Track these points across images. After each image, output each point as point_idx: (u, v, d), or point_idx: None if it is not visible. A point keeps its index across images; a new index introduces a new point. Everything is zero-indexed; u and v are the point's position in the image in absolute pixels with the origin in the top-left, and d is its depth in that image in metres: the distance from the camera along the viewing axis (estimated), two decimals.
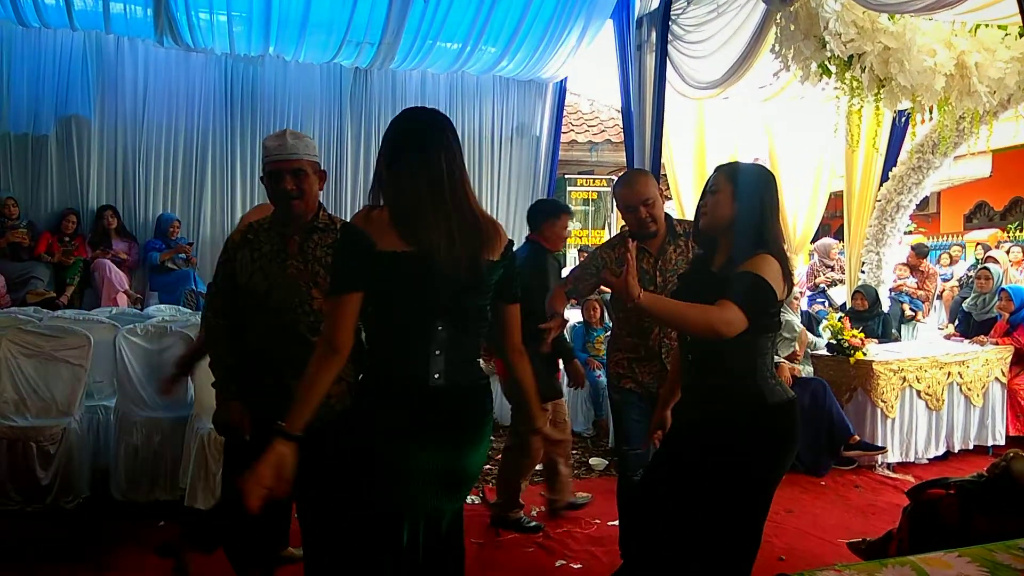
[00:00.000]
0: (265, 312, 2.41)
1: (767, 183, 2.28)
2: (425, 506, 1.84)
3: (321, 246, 2.44)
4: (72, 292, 6.57)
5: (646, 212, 2.96)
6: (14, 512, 3.89)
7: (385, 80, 8.21)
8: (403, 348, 1.82)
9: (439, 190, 1.79)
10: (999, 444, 5.41)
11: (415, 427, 1.80)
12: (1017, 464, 2.72)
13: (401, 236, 1.77)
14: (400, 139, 1.85)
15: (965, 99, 5.20)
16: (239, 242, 2.50)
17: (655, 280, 2.99)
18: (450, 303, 1.82)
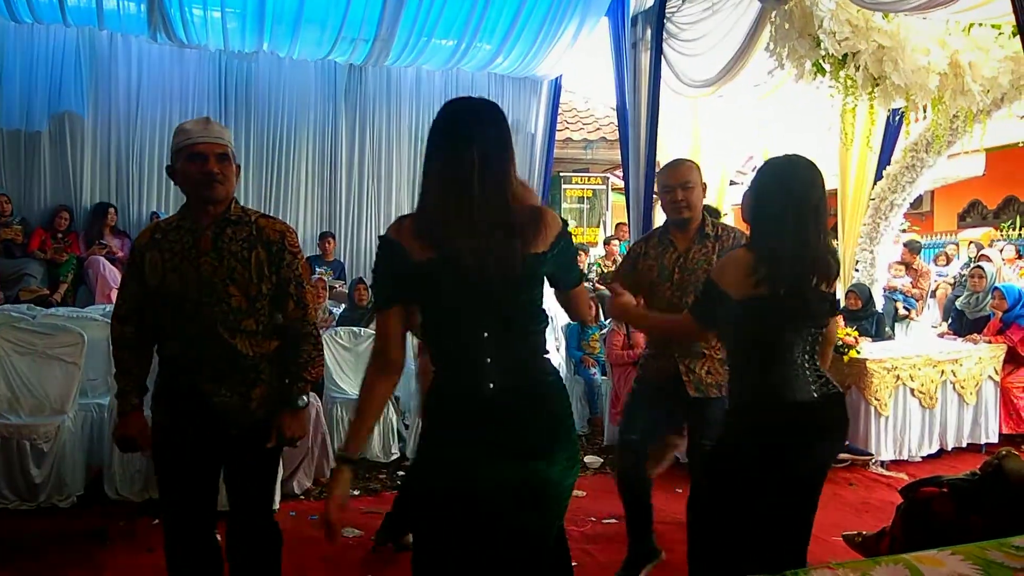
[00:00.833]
0: (180, 314, 2.27)
1: (778, 179, 2.21)
2: (505, 521, 1.71)
3: (235, 240, 2.30)
4: (65, 289, 6.55)
5: (682, 195, 2.97)
6: (7, 510, 3.88)
7: (380, 77, 8.19)
8: (453, 359, 1.76)
9: (464, 191, 1.67)
10: (992, 442, 5.43)
11: (476, 440, 1.70)
12: (1010, 462, 2.73)
13: (425, 243, 1.68)
14: (432, 137, 1.75)
15: (959, 98, 5.22)
16: (146, 243, 2.33)
17: (672, 277, 2.99)
18: (490, 306, 1.70)
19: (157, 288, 2.29)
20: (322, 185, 8.19)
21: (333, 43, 7.39)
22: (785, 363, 2.16)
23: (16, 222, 6.65)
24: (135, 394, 2.34)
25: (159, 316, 2.31)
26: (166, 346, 2.34)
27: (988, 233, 10.96)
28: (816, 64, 5.08)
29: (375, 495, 4.41)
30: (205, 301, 2.26)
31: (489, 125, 1.75)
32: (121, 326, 2.34)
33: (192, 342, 2.28)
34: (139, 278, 2.32)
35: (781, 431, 2.15)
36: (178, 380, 2.32)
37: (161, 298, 2.29)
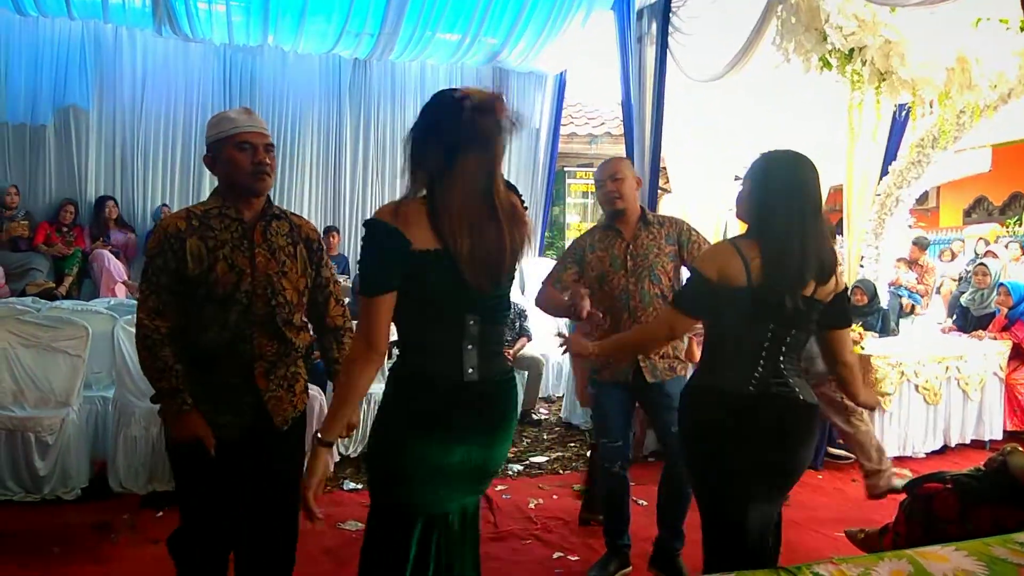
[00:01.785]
0: (232, 307, 2.18)
1: (781, 176, 2.18)
2: (455, 501, 1.85)
3: (280, 234, 2.29)
4: (70, 283, 6.57)
5: (613, 187, 3.09)
6: (12, 503, 3.89)
7: (384, 71, 8.20)
8: (437, 343, 1.79)
9: (495, 189, 1.76)
10: (996, 439, 5.42)
11: (451, 423, 1.79)
12: (1014, 458, 2.73)
13: (439, 234, 1.71)
14: (462, 132, 1.74)
15: (966, 93, 5.19)
16: (184, 230, 2.19)
17: (626, 264, 3.07)
18: (478, 298, 1.78)
19: (200, 277, 2.16)
20: (326, 179, 8.20)
21: (338, 37, 7.39)
22: (735, 355, 2.16)
23: (21, 216, 6.67)
24: (186, 392, 2.16)
25: (200, 308, 2.17)
26: (206, 339, 2.19)
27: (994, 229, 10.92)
28: (823, 58, 5.06)
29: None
30: (260, 293, 2.20)
31: (504, 120, 1.80)
32: (153, 321, 2.16)
33: (244, 335, 2.19)
34: (176, 267, 2.16)
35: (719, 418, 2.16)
36: (222, 375, 2.20)
37: (206, 288, 2.16)
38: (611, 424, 3.15)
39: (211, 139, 2.24)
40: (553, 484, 4.47)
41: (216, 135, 2.23)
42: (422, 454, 1.78)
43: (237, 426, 2.22)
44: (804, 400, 2.17)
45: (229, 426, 2.21)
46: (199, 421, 2.17)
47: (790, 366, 2.18)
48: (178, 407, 2.16)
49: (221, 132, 2.22)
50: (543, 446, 5.41)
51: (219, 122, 2.24)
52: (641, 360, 3.03)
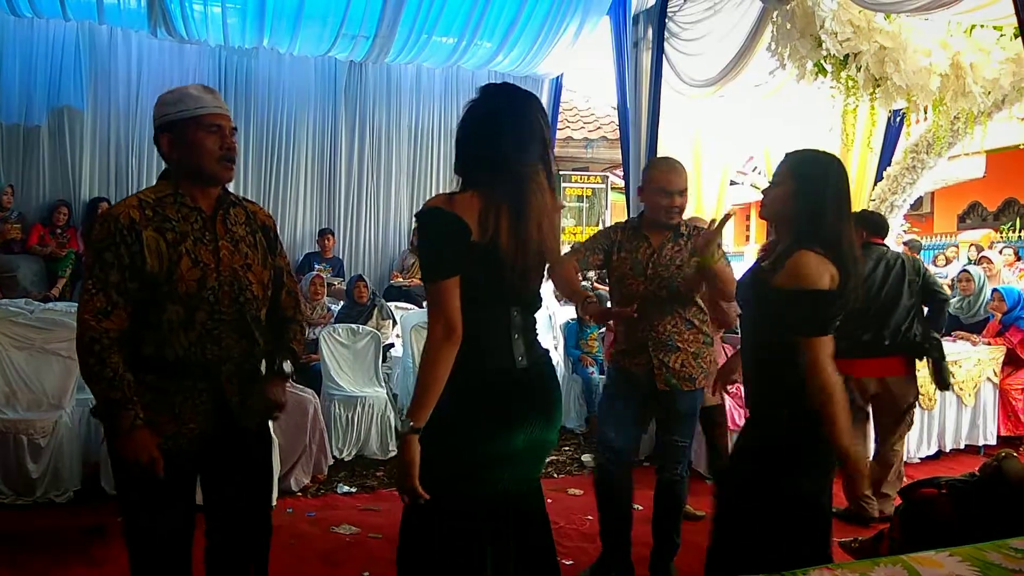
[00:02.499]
0: (197, 306, 1.97)
1: (827, 175, 2.14)
2: (525, 481, 1.94)
3: (238, 223, 2.09)
4: (64, 284, 6.54)
5: (679, 202, 2.96)
6: (4, 505, 3.87)
7: (380, 74, 8.19)
8: (489, 336, 1.84)
9: (544, 185, 1.85)
10: (990, 444, 5.43)
11: (512, 410, 1.86)
12: (1009, 464, 2.73)
13: (487, 227, 1.76)
14: (521, 129, 1.83)
15: (960, 99, 5.21)
16: (139, 220, 1.93)
17: (645, 272, 2.98)
18: (521, 288, 1.87)
19: (160, 275, 1.94)
20: (321, 182, 8.19)
21: (334, 39, 7.39)
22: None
23: (14, 217, 6.64)
24: (137, 405, 1.91)
25: (161, 308, 1.95)
26: (169, 342, 1.97)
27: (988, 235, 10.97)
28: (817, 65, 5.07)
29: (372, 492, 4.41)
30: (227, 290, 2.01)
31: (544, 118, 1.90)
32: (100, 323, 1.90)
33: (212, 336, 2.00)
34: (130, 262, 1.92)
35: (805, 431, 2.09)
36: (186, 380, 2.00)
37: (169, 287, 1.94)
38: (614, 424, 3.07)
39: (169, 118, 1.99)
40: (548, 488, 4.40)
41: (177, 114, 1.99)
42: (491, 446, 1.83)
43: (199, 434, 2.01)
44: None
45: (191, 435, 2.01)
46: (150, 441, 1.92)
47: None
48: (130, 422, 1.89)
49: (183, 111, 1.99)
50: None
51: (180, 99, 2.00)
52: (657, 368, 2.95)
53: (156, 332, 1.97)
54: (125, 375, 1.90)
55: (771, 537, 2.11)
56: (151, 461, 1.91)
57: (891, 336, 3.98)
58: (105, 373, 1.89)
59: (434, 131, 8.57)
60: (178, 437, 1.99)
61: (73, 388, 4.19)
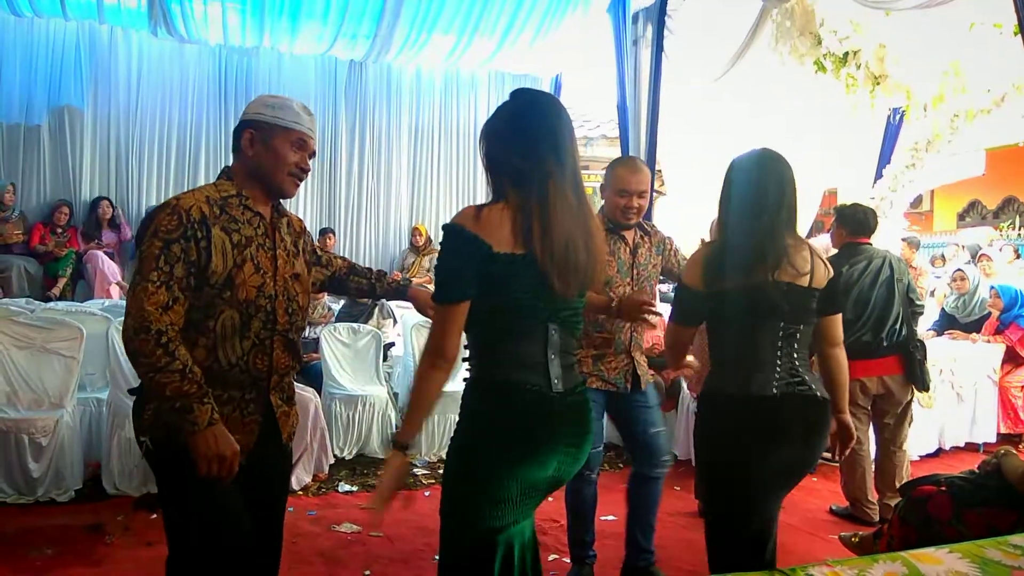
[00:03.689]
0: (255, 314, 1.91)
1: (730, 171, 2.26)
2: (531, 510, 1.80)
3: (289, 233, 2.07)
4: (64, 284, 6.55)
5: (638, 203, 2.95)
6: (6, 504, 3.88)
7: (380, 73, 8.20)
8: (524, 353, 1.73)
9: (580, 197, 1.75)
10: (990, 441, 5.44)
11: (547, 436, 1.73)
12: (1008, 461, 2.73)
13: (525, 238, 1.67)
14: (545, 139, 1.72)
15: (959, 97, 5.22)
16: (209, 216, 1.86)
17: (631, 272, 3.00)
18: (561, 305, 1.75)
19: (224, 278, 1.86)
20: (322, 181, 8.20)
21: (334, 39, 7.40)
22: (748, 357, 2.15)
23: (15, 216, 6.65)
24: (212, 398, 1.80)
25: (219, 313, 1.87)
26: (224, 350, 1.88)
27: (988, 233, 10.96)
28: (817, 62, 5.08)
29: (373, 491, 4.41)
30: (280, 299, 1.96)
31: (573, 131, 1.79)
32: (166, 316, 1.77)
33: (265, 346, 1.93)
34: (197, 259, 1.83)
35: (737, 424, 2.13)
36: (235, 390, 1.91)
37: (231, 291, 1.87)
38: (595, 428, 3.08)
39: (263, 119, 1.96)
40: None
41: (272, 118, 1.96)
42: (520, 471, 1.70)
43: (245, 446, 1.91)
44: (822, 396, 2.19)
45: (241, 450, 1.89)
46: (228, 435, 1.81)
47: (803, 363, 2.19)
48: (208, 416, 1.77)
49: (280, 119, 1.96)
50: None
51: (281, 107, 1.98)
52: (638, 366, 2.99)
53: (208, 337, 1.87)
54: (195, 368, 1.78)
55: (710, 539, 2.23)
56: (234, 455, 1.81)
57: (888, 336, 4.00)
58: (175, 366, 1.75)
59: (434, 129, 8.57)
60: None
61: (74, 387, 4.20)
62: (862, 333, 3.96)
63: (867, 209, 4.22)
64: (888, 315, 4.00)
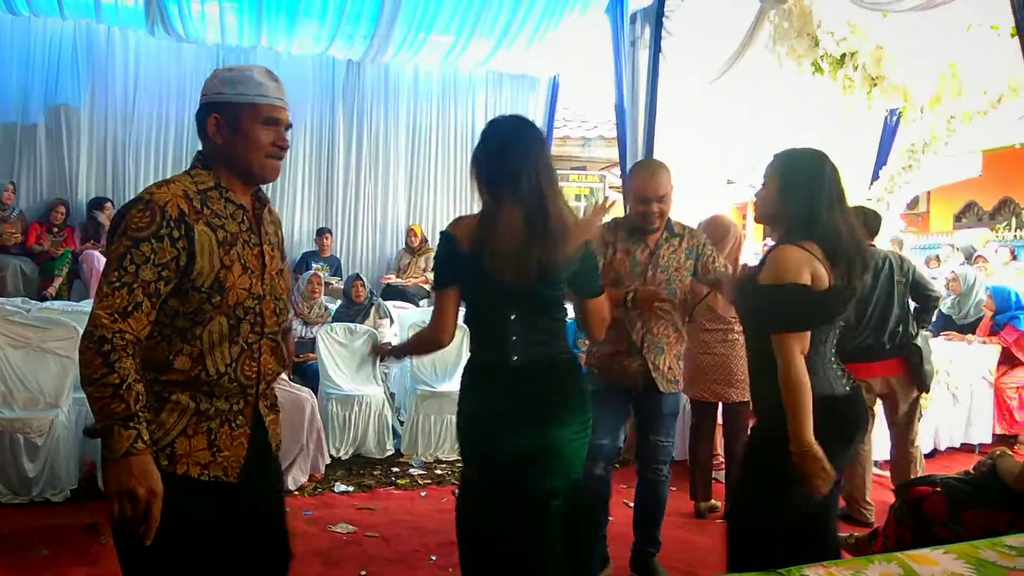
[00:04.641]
0: (244, 318, 1.74)
1: (815, 171, 2.15)
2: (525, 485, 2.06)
3: (270, 222, 1.87)
4: (60, 283, 6.53)
5: (658, 208, 2.93)
6: (1, 504, 3.87)
7: (378, 73, 8.19)
8: (486, 335, 2.18)
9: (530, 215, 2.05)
10: (985, 442, 5.45)
11: (504, 407, 2.09)
12: (1003, 462, 2.74)
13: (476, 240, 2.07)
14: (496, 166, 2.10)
15: (956, 98, 5.23)
16: (189, 212, 1.66)
17: (645, 274, 2.97)
18: (519, 294, 2.07)
19: (209, 279, 1.67)
20: (319, 181, 8.19)
21: (331, 38, 7.38)
22: (822, 356, 2.14)
23: (14, 215, 6.63)
24: (142, 424, 1.55)
25: (206, 319, 1.69)
26: (212, 358, 1.70)
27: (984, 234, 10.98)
28: (814, 63, 5.09)
29: (369, 491, 4.41)
30: (268, 299, 1.79)
31: (540, 149, 2.15)
32: (116, 323, 1.56)
33: (254, 352, 1.77)
34: (174, 261, 1.63)
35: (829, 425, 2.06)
36: (222, 402, 1.74)
37: (217, 294, 1.68)
38: (602, 423, 2.96)
39: (224, 98, 1.74)
40: None
41: (235, 96, 1.74)
42: (485, 431, 2.12)
43: (236, 462, 1.75)
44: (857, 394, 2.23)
45: (227, 464, 1.74)
46: (151, 471, 1.55)
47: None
48: (128, 443, 1.51)
49: (243, 95, 1.74)
50: None
51: (240, 80, 1.75)
52: (652, 371, 2.95)
53: (194, 345, 1.69)
54: (135, 385, 1.55)
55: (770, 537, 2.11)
56: (150, 495, 1.54)
57: (890, 339, 4.02)
58: (110, 379, 1.53)
59: (432, 129, 8.57)
60: (215, 467, 1.72)
61: (70, 387, 4.19)
62: (864, 336, 3.99)
63: (869, 211, 4.23)
64: (889, 316, 4.01)
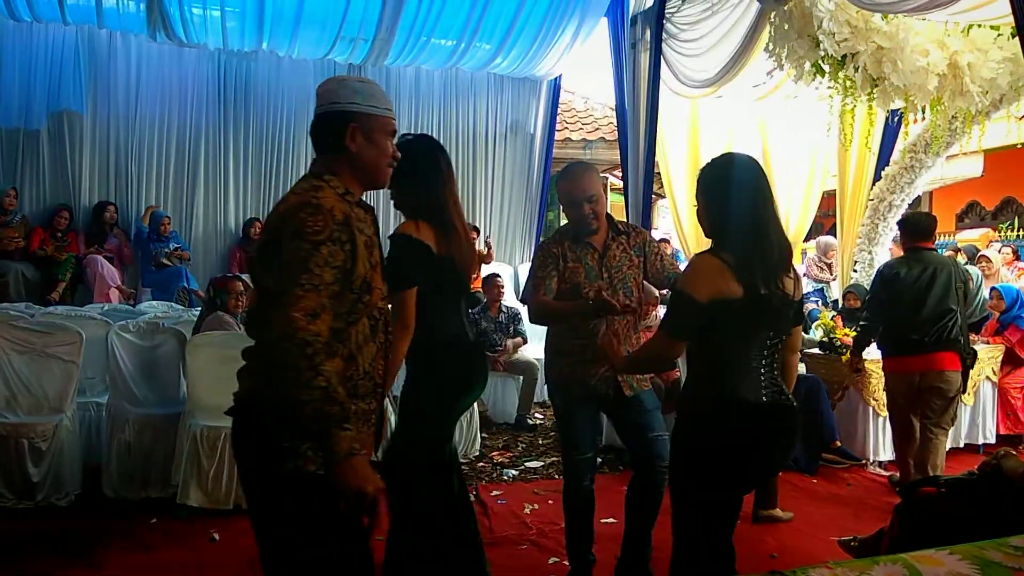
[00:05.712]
0: (379, 320, 1.83)
1: (720, 179, 2.20)
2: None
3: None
4: (64, 288, 6.54)
5: (589, 209, 2.92)
6: (5, 509, 3.87)
7: (379, 76, 8.18)
8: (451, 317, 2.68)
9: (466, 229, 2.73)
10: (990, 442, 5.43)
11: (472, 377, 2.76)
12: (1008, 462, 2.74)
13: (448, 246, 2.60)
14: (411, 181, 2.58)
15: (957, 99, 5.22)
16: (350, 217, 1.72)
17: (600, 276, 2.96)
18: (466, 288, 2.79)
19: (361, 282, 1.73)
20: None
21: (332, 42, 7.40)
22: (740, 366, 2.15)
23: (17, 220, 6.64)
24: (352, 426, 1.61)
25: (352, 320, 1.75)
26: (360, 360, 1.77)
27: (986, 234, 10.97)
28: (815, 65, 5.08)
29: None
30: (385, 302, 1.89)
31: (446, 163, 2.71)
32: (311, 324, 1.59)
33: (383, 353, 1.85)
34: (344, 264, 1.67)
35: (733, 432, 2.13)
36: (363, 402, 1.79)
37: (367, 296, 1.75)
38: (582, 438, 3.04)
39: (361, 109, 1.80)
40: (548, 489, 4.47)
41: (369, 108, 1.80)
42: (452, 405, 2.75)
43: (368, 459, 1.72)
44: (794, 404, 2.25)
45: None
46: (370, 468, 1.60)
47: (776, 371, 2.21)
48: (349, 444, 1.56)
49: (375, 107, 1.81)
50: (538, 451, 5.41)
51: (371, 93, 1.81)
52: (620, 376, 2.92)
53: (346, 345, 1.73)
54: (340, 388, 1.59)
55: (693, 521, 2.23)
56: (377, 491, 1.58)
57: (936, 335, 4.18)
58: (318, 382, 1.55)
59: (433, 133, 8.56)
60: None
61: (74, 392, 4.20)
62: (911, 331, 4.19)
63: (924, 216, 4.65)
64: (942, 315, 4.19)
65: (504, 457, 5.23)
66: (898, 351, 4.26)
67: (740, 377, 2.15)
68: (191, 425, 3.90)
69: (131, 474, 4.07)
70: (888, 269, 4.38)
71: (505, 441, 5.64)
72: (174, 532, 3.71)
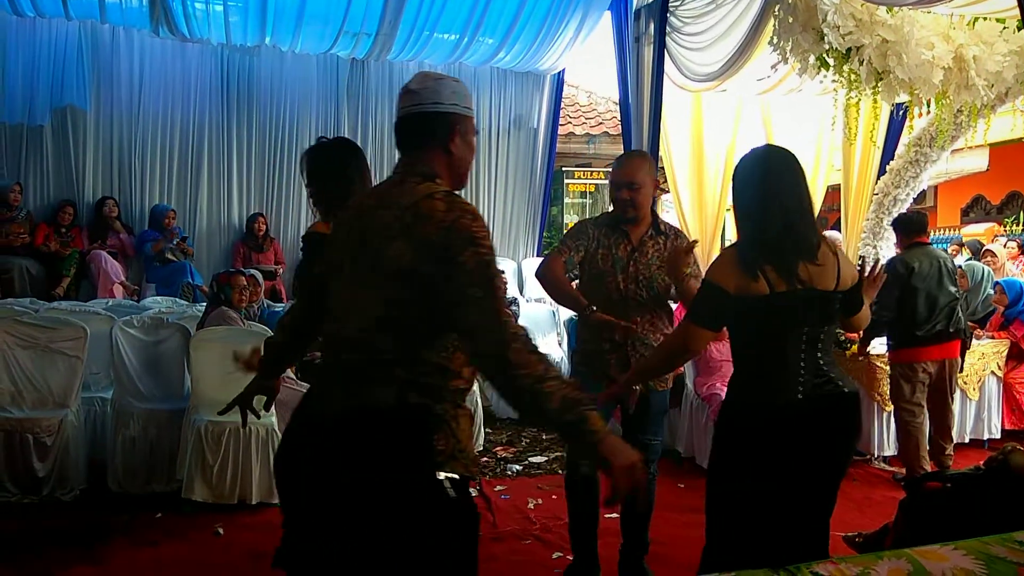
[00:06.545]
0: None
1: (747, 174, 2.22)
2: None
3: None
4: (68, 283, 6.55)
5: (628, 194, 2.95)
6: (11, 504, 3.89)
7: (382, 71, 8.19)
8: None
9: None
10: (995, 438, 5.43)
11: None
12: (1015, 458, 2.73)
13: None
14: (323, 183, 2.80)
15: (963, 92, 5.20)
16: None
17: (627, 269, 2.96)
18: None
19: None
20: None
21: (335, 37, 7.39)
22: (773, 365, 2.15)
23: (22, 216, 6.65)
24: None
25: None
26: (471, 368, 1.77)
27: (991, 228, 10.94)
28: (820, 58, 5.06)
29: None
30: None
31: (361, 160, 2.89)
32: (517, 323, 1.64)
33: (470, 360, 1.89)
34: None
35: (766, 432, 2.13)
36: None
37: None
38: None
39: (461, 111, 1.79)
40: (552, 484, 4.47)
41: (466, 110, 1.80)
42: None
43: None
44: (850, 390, 2.22)
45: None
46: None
47: (823, 361, 2.18)
48: (602, 424, 1.55)
49: (470, 110, 1.82)
50: (542, 446, 5.41)
51: (466, 94, 1.81)
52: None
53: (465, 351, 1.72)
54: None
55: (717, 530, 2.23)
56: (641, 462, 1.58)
57: (954, 324, 4.51)
58: (553, 372, 1.57)
59: None
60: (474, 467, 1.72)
61: (78, 387, 4.21)
62: (935, 323, 4.47)
63: (915, 214, 5.03)
64: (955, 306, 4.51)
65: (508, 452, 5.23)
66: (920, 342, 4.47)
67: (772, 378, 2.15)
68: (195, 420, 3.91)
69: (135, 469, 4.08)
70: (903, 266, 4.50)
71: (509, 436, 5.64)
72: (179, 527, 3.72)
